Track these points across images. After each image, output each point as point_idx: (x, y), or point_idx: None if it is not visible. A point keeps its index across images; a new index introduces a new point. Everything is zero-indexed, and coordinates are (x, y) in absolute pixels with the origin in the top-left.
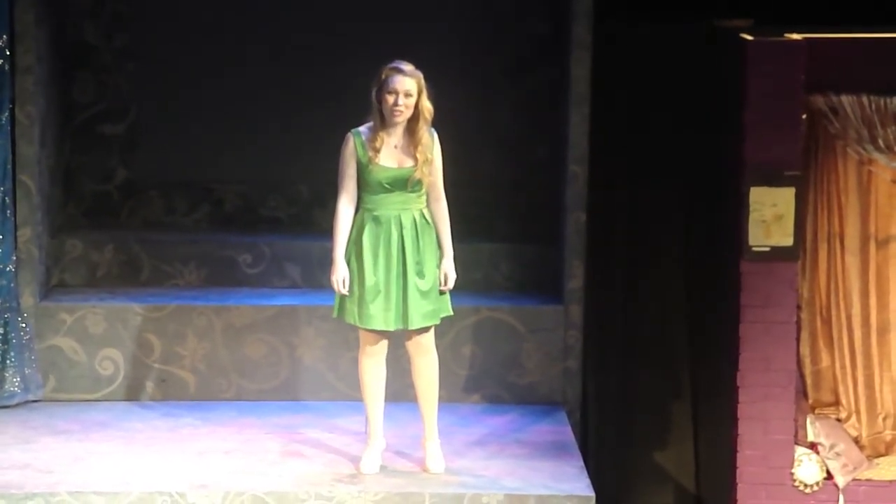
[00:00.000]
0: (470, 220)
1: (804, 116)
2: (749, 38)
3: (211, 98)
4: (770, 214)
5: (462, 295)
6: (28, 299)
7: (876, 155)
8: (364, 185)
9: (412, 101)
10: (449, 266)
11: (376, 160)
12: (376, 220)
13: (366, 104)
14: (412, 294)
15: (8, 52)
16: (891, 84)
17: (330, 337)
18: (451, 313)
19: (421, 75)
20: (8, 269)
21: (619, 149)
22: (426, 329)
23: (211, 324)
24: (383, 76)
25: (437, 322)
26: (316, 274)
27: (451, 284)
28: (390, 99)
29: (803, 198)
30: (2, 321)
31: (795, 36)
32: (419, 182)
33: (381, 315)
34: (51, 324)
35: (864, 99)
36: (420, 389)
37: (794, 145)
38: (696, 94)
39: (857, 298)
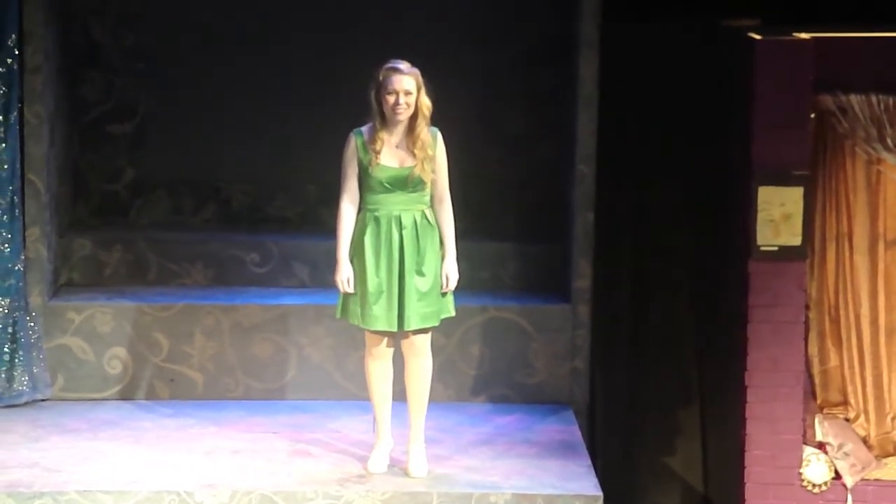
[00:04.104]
0: (477, 219)
1: (812, 116)
2: (757, 37)
3: (218, 97)
4: (778, 214)
5: (469, 294)
6: (36, 298)
7: (885, 154)
8: (365, 186)
9: (413, 98)
10: (451, 267)
11: (377, 160)
12: (377, 220)
13: None
14: (410, 295)
15: (17, 52)
16: None
17: (338, 336)
18: (453, 314)
19: (418, 72)
20: (16, 268)
21: (626, 148)
22: (423, 330)
23: (219, 323)
24: (381, 77)
25: (437, 324)
26: (324, 273)
27: (452, 286)
28: (391, 99)
29: (812, 197)
30: (10, 320)
31: (804, 35)
32: (420, 181)
33: (384, 316)
34: (59, 323)
35: (873, 98)
36: (410, 391)
37: (803, 145)
38: (704, 94)
39: (866, 298)
